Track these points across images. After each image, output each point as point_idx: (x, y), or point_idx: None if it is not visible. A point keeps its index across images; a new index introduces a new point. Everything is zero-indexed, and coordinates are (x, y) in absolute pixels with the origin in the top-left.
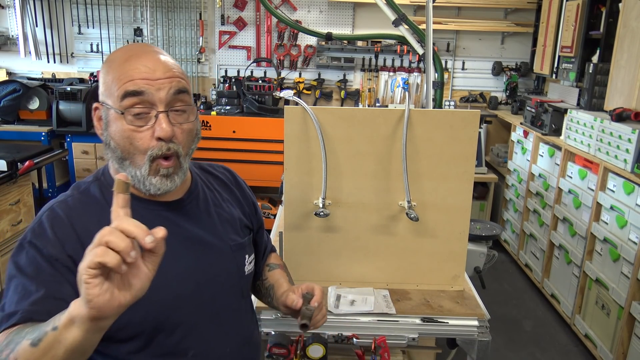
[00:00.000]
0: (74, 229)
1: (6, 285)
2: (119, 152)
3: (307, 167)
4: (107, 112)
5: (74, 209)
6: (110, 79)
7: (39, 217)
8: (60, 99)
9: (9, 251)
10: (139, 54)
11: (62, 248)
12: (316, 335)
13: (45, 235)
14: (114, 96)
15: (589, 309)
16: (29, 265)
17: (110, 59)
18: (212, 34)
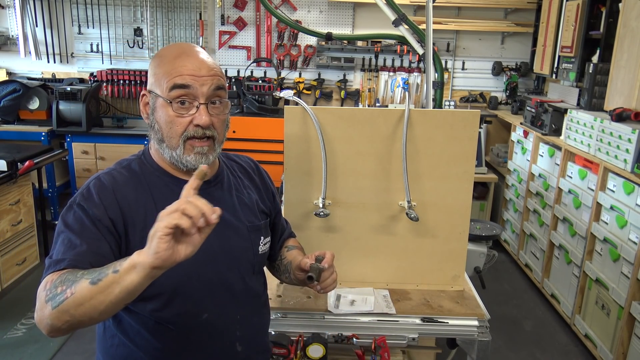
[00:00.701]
0: (115, 197)
1: (55, 239)
2: (160, 134)
3: (307, 167)
4: (155, 99)
5: (117, 180)
6: (162, 71)
7: (87, 185)
8: (60, 99)
9: (9, 251)
10: (188, 53)
11: (105, 212)
12: (316, 335)
13: (92, 199)
14: (162, 87)
15: (589, 309)
16: (76, 223)
17: (162, 54)
18: (212, 34)
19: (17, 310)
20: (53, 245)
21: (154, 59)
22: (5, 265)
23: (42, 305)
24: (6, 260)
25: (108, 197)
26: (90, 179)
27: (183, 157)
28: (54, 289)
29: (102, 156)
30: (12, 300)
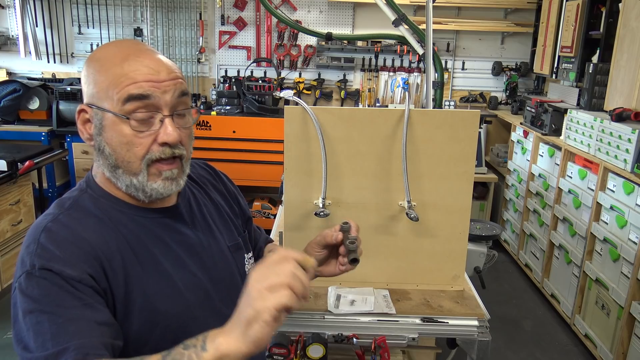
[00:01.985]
0: (80, 248)
1: (20, 324)
2: (113, 159)
3: (307, 167)
4: (101, 116)
5: (71, 227)
6: (107, 79)
7: (35, 242)
8: (61, 99)
9: (9, 251)
10: (136, 53)
11: (80, 268)
12: (316, 335)
13: (54, 256)
14: (112, 99)
15: (589, 309)
16: (48, 295)
17: (101, 57)
18: (212, 34)
19: None
20: (18, 332)
21: (91, 63)
22: (5, 265)
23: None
24: (6, 260)
25: (72, 250)
26: (33, 234)
27: (148, 185)
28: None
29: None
30: None
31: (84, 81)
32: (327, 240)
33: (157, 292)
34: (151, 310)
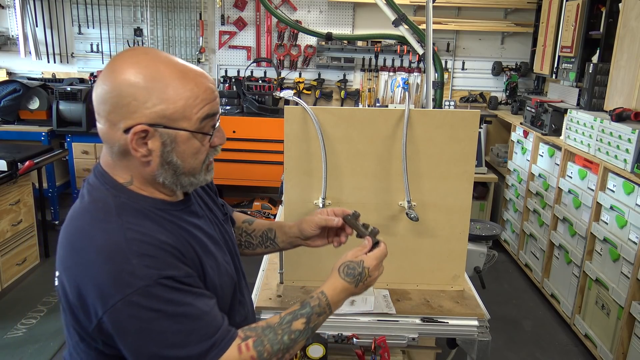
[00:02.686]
0: (165, 248)
1: (155, 337)
2: (181, 168)
3: (307, 167)
4: (173, 134)
5: (145, 232)
6: (181, 100)
7: (132, 256)
8: (61, 99)
9: (9, 251)
10: (189, 71)
11: (179, 266)
12: (316, 335)
13: (159, 263)
14: (191, 119)
15: (589, 309)
16: (171, 300)
17: (158, 77)
18: (212, 34)
19: (17, 310)
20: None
21: (149, 84)
22: (5, 265)
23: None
24: (6, 260)
25: (165, 253)
26: (114, 251)
27: (203, 179)
28: (278, 353)
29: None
30: (12, 300)
31: (139, 101)
32: (328, 224)
33: (214, 271)
34: (214, 287)
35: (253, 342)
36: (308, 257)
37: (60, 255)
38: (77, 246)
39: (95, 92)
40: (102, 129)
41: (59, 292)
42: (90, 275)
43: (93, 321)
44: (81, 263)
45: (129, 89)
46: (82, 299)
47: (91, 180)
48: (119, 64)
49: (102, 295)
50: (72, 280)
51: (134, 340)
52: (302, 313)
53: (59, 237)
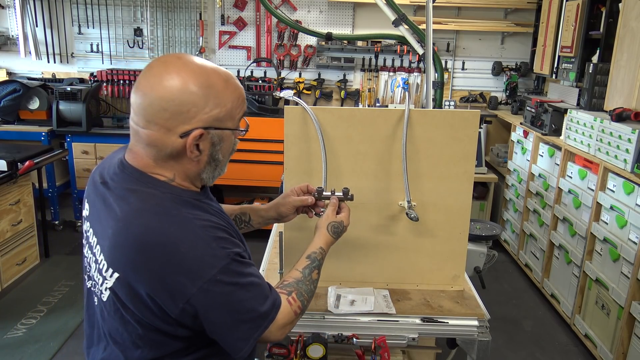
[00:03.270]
0: (227, 230)
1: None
2: (221, 163)
3: (307, 167)
4: (221, 134)
5: (207, 219)
6: (229, 103)
7: (211, 240)
8: (61, 99)
9: (9, 251)
10: (228, 76)
11: (240, 245)
12: (316, 335)
13: (230, 243)
14: (234, 119)
15: (589, 309)
16: (243, 272)
17: (210, 84)
18: (212, 34)
19: (17, 310)
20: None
21: (205, 90)
22: (5, 265)
23: (295, 322)
24: (6, 260)
25: (229, 235)
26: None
27: (224, 172)
28: (305, 307)
29: (102, 156)
30: (12, 300)
31: (198, 107)
32: (304, 204)
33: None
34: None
35: (296, 294)
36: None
37: (124, 255)
38: (152, 242)
39: (144, 101)
40: (153, 135)
41: (118, 292)
42: (174, 265)
43: (178, 305)
44: (160, 257)
45: (189, 97)
46: (164, 289)
47: (125, 183)
48: (167, 72)
49: (189, 280)
50: (149, 274)
51: (220, 313)
52: (314, 266)
53: (112, 241)
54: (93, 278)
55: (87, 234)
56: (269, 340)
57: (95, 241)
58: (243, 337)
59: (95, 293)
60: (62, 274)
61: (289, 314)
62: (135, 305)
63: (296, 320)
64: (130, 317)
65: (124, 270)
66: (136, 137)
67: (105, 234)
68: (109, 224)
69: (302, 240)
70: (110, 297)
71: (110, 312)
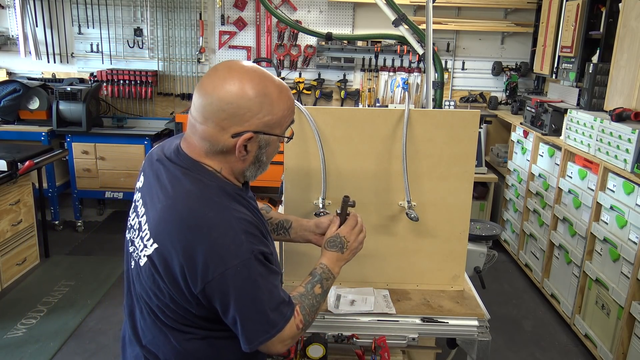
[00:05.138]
0: (258, 227)
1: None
2: (265, 165)
3: (307, 167)
4: (269, 139)
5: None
6: (280, 112)
7: (240, 233)
8: (61, 99)
9: (9, 251)
10: (283, 87)
11: (267, 243)
12: (316, 335)
13: (257, 240)
14: (282, 127)
15: (589, 309)
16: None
17: (267, 93)
18: (212, 34)
19: (17, 310)
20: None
21: (261, 99)
22: (5, 265)
23: (296, 337)
24: (6, 260)
25: (259, 232)
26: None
27: (265, 170)
28: (307, 323)
29: (102, 156)
30: (12, 300)
31: (253, 112)
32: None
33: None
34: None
35: (299, 307)
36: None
37: (166, 230)
38: (190, 224)
39: (205, 100)
40: (208, 130)
41: (154, 260)
42: (203, 246)
43: (199, 285)
44: (194, 238)
45: (246, 102)
46: (192, 267)
47: (179, 166)
48: (230, 77)
49: (213, 264)
50: (182, 251)
51: (235, 304)
52: (315, 281)
53: (159, 215)
54: (134, 244)
55: (137, 203)
56: (269, 351)
57: (143, 211)
58: (251, 333)
59: (134, 257)
60: (62, 274)
61: (292, 327)
62: (167, 276)
63: (298, 335)
64: (162, 285)
65: (163, 243)
66: (193, 129)
67: (154, 206)
68: (160, 199)
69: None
70: (147, 263)
71: (144, 277)
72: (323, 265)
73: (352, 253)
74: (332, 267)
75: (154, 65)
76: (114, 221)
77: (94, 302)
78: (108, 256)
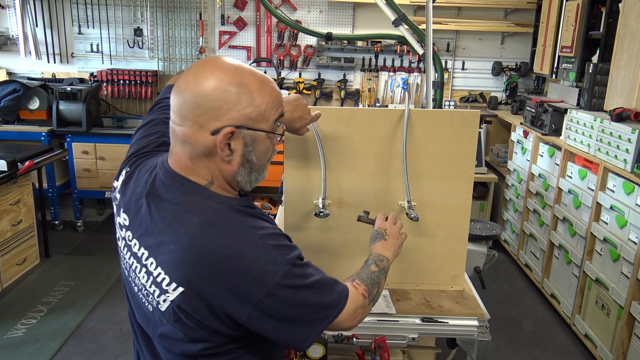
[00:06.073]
0: (282, 234)
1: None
2: (256, 165)
3: (306, 167)
4: (254, 134)
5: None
6: (262, 104)
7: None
8: (61, 99)
9: (9, 251)
10: (265, 79)
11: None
12: None
13: (289, 248)
14: (268, 121)
15: (589, 309)
16: (306, 273)
17: (245, 83)
18: (212, 34)
19: (17, 310)
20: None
21: (240, 89)
22: (5, 265)
23: (366, 307)
24: (6, 260)
25: (284, 239)
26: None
27: (263, 177)
28: (371, 292)
29: (102, 156)
30: (12, 300)
31: (230, 104)
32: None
33: None
34: None
35: (359, 279)
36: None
37: (192, 270)
38: (218, 256)
39: (181, 99)
40: (187, 131)
41: (181, 305)
42: (240, 275)
43: (247, 310)
44: (227, 269)
45: (221, 94)
46: (234, 298)
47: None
48: (204, 72)
49: (256, 288)
50: (217, 286)
51: (288, 312)
52: (369, 263)
53: (175, 256)
54: (144, 288)
55: (130, 242)
56: (343, 327)
57: (146, 253)
58: (309, 329)
59: (148, 301)
60: (62, 274)
61: (357, 297)
62: (201, 315)
63: (367, 303)
64: (193, 323)
65: (190, 284)
66: (174, 136)
67: (163, 248)
68: (170, 239)
69: (302, 240)
70: (171, 307)
71: (170, 320)
72: (373, 253)
73: (395, 237)
74: (382, 252)
75: (154, 65)
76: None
77: (94, 302)
78: (108, 256)
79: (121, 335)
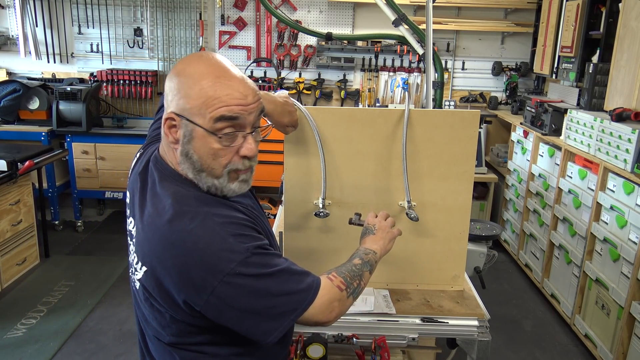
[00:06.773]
0: (246, 223)
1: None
2: (198, 164)
3: (306, 167)
4: (191, 127)
5: (225, 214)
6: (200, 97)
7: (227, 237)
8: (60, 99)
9: (9, 251)
10: (227, 76)
11: (259, 236)
12: (316, 335)
13: (248, 236)
14: (204, 117)
15: (589, 309)
16: (266, 263)
17: (193, 74)
18: (212, 34)
19: (17, 310)
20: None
21: (182, 78)
22: (5, 265)
23: (344, 300)
24: (6, 260)
25: (247, 227)
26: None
27: (226, 186)
28: (350, 285)
29: (102, 156)
30: (12, 300)
31: (172, 92)
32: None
33: (275, 243)
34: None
35: (336, 272)
36: (308, 258)
37: (151, 251)
38: (175, 240)
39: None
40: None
41: (145, 284)
42: (195, 260)
43: (204, 297)
44: (182, 253)
45: (174, 82)
46: (191, 283)
47: (157, 179)
48: (179, 63)
49: (211, 274)
50: (174, 269)
51: (247, 302)
52: (353, 257)
53: (141, 235)
54: (132, 266)
55: (128, 220)
56: (318, 321)
57: (133, 231)
58: (275, 322)
59: (132, 280)
60: (62, 274)
61: (331, 289)
62: (162, 298)
63: (345, 296)
64: (159, 307)
65: (151, 265)
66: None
67: (137, 227)
68: (141, 218)
69: (302, 240)
70: (141, 286)
71: (142, 300)
72: (359, 248)
73: (384, 231)
74: (369, 246)
75: (154, 65)
76: (114, 221)
77: (94, 302)
78: (108, 256)
79: (121, 335)
